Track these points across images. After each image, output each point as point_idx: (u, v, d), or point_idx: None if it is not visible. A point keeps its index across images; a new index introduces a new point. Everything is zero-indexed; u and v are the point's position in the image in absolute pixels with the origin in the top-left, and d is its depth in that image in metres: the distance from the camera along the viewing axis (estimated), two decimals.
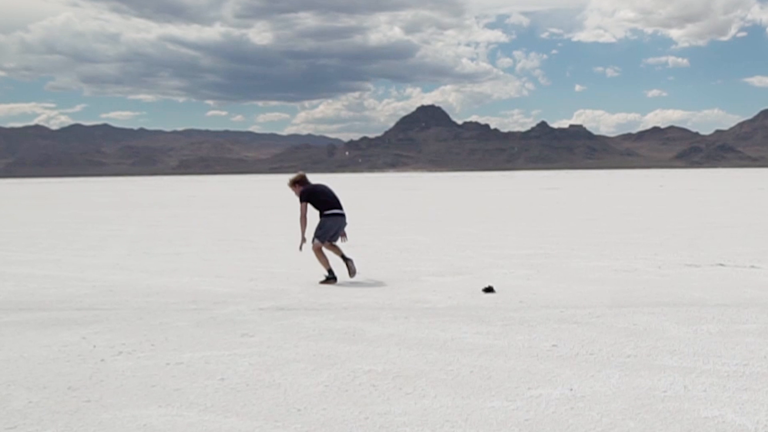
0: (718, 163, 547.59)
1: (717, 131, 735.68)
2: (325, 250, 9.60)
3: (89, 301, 8.44)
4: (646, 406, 4.44)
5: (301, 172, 10.01)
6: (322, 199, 9.68)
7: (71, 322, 7.17)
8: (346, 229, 9.91)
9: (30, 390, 4.95)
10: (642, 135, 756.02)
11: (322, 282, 9.46)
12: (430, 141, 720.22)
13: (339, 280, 9.50)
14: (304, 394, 4.76)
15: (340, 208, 9.73)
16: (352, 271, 9.53)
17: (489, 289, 8.63)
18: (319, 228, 9.57)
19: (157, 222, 22.91)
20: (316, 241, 9.50)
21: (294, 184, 9.74)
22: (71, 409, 4.53)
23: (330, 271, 9.46)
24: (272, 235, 17.14)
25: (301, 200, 9.60)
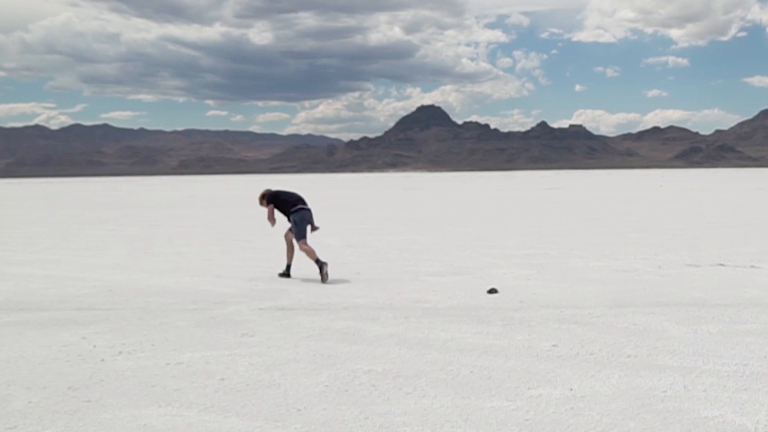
0: (718, 163, 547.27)
1: (717, 131, 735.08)
2: (297, 247, 10.07)
3: (89, 301, 8.45)
4: (646, 406, 4.44)
5: (265, 189, 10.48)
6: (285, 199, 10.24)
7: (71, 322, 7.17)
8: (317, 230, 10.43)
9: (30, 390, 4.95)
10: (642, 135, 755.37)
11: (323, 277, 9.51)
12: (430, 141, 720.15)
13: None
14: (304, 394, 4.76)
15: (305, 203, 10.24)
16: (285, 271, 10.12)
17: (492, 290, 8.62)
18: (295, 225, 10.05)
19: (157, 222, 22.91)
20: (300, 241, 9.94)
21: (263, 198, 10.30)
22: (71, 409, 4.53)
23: (317, 261, 9.69)
24: (272, 235, 17.09)
25: (267, 204, 10.21)
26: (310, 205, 10.33)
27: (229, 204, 35.93)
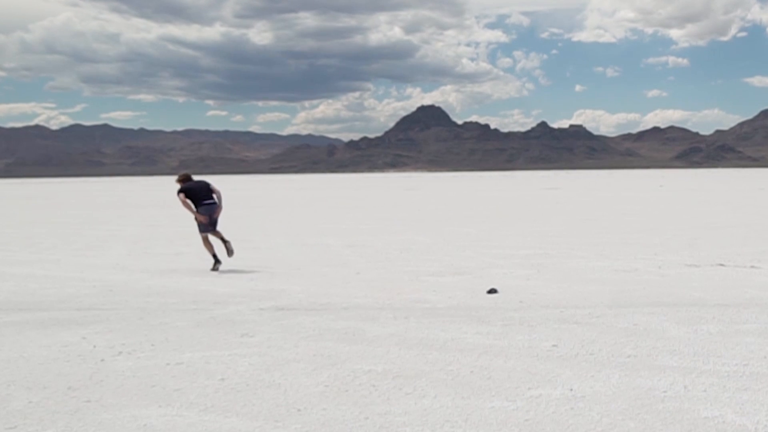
0: (718, 164, 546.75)
1: (717, 131, 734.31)
2: (211, 237, 11.25)
3: (89, 301, 8.45)
4: (646, 406, 4.44)
5: (184, 173, 11.65)
6: (196, 192, 11.18)
7: (71, 322, 7.17)
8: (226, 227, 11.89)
9: (30, 390, 4.95)
10: (642, 135, 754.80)
11: (212, 269, 10.84)
12: (430, 141, 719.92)
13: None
14: (304, 394, 4.76)
15: (211, 199, 11.25)
16: (229, 251, 11.14)
17: (492, 291, 8.62)
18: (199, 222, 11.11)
19: (157, 222, 22.91)
20: (202, 234, 11.17)
21: (179, 181, 11.40)
22: (71, 409, 4.53)
23: (214, 255, 11.01)
24: (272, 235, 17.15)
25: (178, 193, 11.14)
26: (216, 197, 11.30)
27: (228, 204, 35.86)
